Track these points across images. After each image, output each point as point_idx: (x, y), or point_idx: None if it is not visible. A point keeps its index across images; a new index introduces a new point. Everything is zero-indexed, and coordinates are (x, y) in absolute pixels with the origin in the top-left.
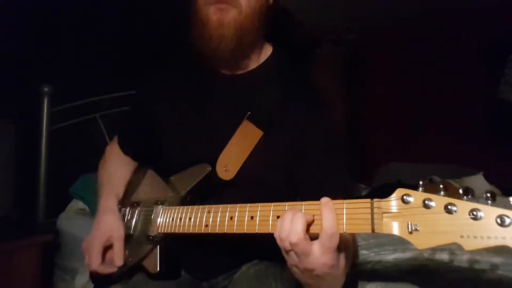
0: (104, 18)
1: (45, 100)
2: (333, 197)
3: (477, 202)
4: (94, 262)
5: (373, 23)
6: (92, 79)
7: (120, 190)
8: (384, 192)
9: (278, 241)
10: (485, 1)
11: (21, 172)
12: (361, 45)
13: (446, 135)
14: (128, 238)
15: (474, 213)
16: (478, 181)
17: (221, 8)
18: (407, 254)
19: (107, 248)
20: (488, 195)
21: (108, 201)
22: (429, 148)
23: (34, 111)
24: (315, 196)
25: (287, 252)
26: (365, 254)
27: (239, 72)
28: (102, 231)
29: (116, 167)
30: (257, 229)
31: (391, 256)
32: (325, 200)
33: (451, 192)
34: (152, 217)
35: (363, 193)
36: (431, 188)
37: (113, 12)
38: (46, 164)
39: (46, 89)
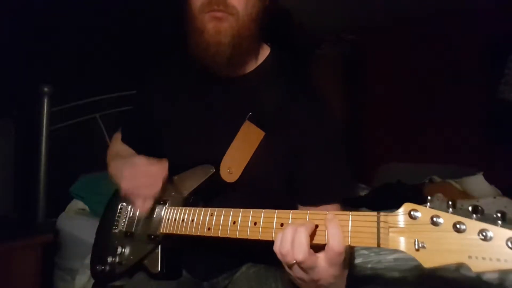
0: (105, 18)
1: (45, 100)
2: (333, 197)
3: (486, 222)
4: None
5: (373, 23)
6: (92, 79)
7: None
8: (384, 192)
9: (279, 256)
10: (485, 1)
11: (21, 172)
12: (361, 45)
13: (446, 135)
14: (129, 237)
15: (484, 233)
16: (478, 181)
17: (217, 16)
18: (407, 254)
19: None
20: (499, 215)
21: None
22: (429, 148)
23: (34, 111)
24: (314, 197)
25: (291, 266)
26: (365, 254)
27: (238, 74)
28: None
29: (124, 147)
30: (260, 236)
31: (391, 256)
32: (330, 216)
33: (459, 209)
34: (154, 216)
35: (363, 193)
36: (432, 187)
37: (113, 12)
38: (46, 164)
39: (46, 89)
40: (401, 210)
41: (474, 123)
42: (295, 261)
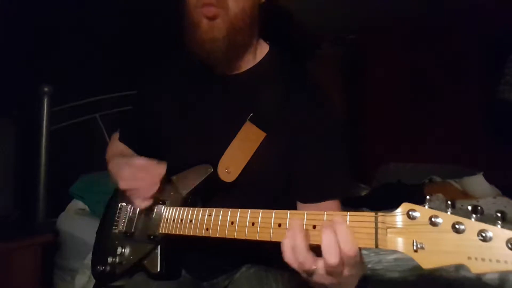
0: (104, 18)
1: (45, 100)
2: (333, 194)
3: (486, 222)
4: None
5: (373, 23)
6: (92, 79)
7: None
8: (384, 192)
9: (294, 265)
10: (485, 1)
11: (21, 172)
12: (361, 45)
13: (446, 135)
14: (129, 237)
15: (483, 234)
16: (478, 181)
17: (210, 11)
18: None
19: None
20: (499, 215)
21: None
22: (429, 148)
23: (34, 111)
24: (314, 194)
25: (311, 273)
26: (365, 254)
27: (236, 71)
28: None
29: (121, 149)
30: (258, 236)
31: (391, 256)
32: (337, 219)
33: (458, 208)
34: (154, 216)
35: (363, 193)
36: (432, 187)
37: (113, 12)
38: (46, 164)
39: (46, 89)
40: (399, 210)
41: (474, 123)
42: (315, 267)
